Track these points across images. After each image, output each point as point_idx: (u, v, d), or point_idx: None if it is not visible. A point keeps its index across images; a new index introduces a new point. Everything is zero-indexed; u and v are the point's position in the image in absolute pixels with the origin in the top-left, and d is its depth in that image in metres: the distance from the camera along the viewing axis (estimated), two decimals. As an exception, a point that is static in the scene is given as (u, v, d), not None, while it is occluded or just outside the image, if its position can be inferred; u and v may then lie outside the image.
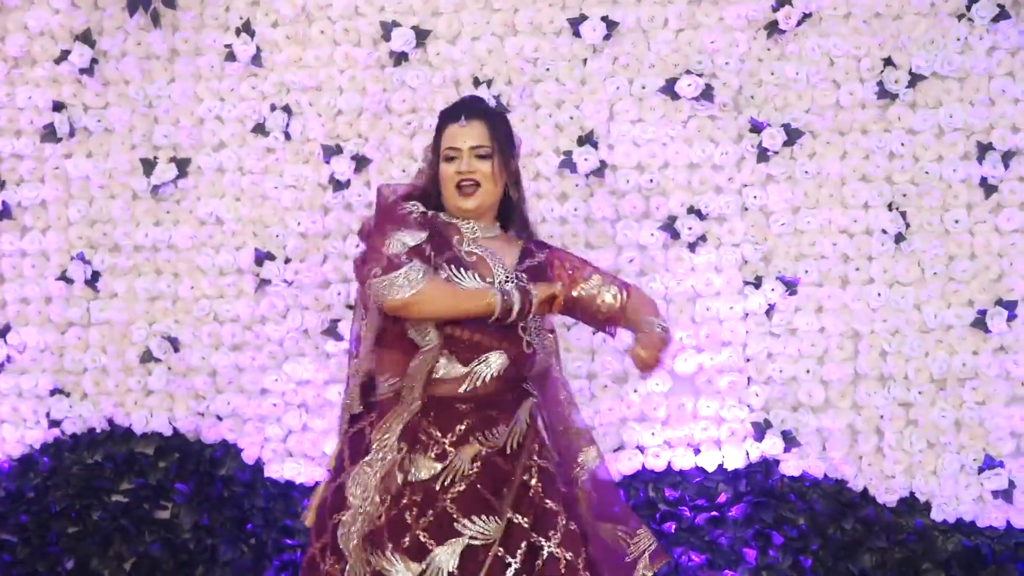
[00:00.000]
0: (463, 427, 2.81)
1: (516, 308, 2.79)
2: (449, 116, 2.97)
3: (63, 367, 4.01)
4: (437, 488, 2.76)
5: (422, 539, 2.73)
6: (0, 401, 4.06)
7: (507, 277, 2.89)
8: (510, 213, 3.02)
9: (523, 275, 2.91)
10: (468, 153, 2.91)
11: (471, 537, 2.75)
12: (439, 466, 2.78)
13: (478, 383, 2.83)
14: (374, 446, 2.77)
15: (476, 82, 4.00)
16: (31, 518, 4.01)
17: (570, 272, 2.98)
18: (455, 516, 2.77)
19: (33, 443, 4.05)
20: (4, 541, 4.01)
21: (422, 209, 2.86)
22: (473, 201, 2.91)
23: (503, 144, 2.96)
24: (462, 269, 2.83)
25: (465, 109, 2.98)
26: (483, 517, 2.76)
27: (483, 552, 2.76)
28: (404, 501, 2.77)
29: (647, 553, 2.99)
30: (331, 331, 4.05)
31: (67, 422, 4.02)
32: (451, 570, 2.73)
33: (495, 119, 3.01)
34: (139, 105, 4.07)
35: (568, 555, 2.78)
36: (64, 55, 4.11)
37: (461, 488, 2.77)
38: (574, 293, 2.95)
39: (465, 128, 2.92)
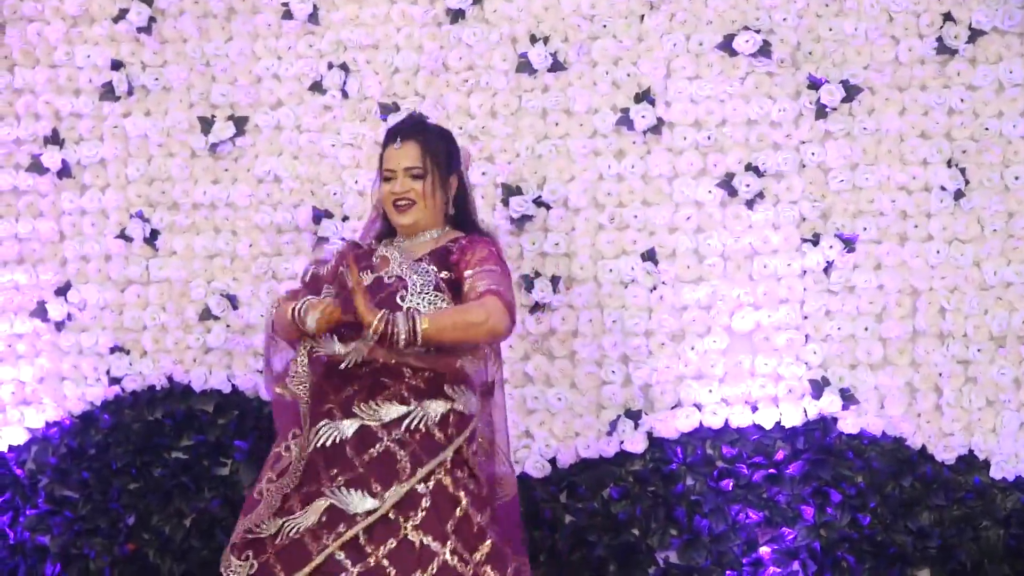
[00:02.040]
0: (348, 394, 2.94)
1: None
2: (387, 139, 3.13)
3: (123, 325, 4.03)
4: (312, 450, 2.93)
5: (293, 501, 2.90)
6: (61, 359, 4.08)
7: (401, 263, 3.03)
8: (463, 223, 3.17)
9: (427, 258, 3.03)
10: (403, 174, 3.07)
11: (336, 501, 2.86)
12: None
13: (358, 357, 2.93)
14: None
15: (532, 39, 3.97)
16: (92, 474, 4.04)
17: (464, 262, 3.04)
18: (321, 474, 2.91)
19: (94, 400, 4.08)
20: (66, 497, 4.04)
21: (354, 240, 3.19)
22: (409, 217, 3.08)
23: (440, 161, 3.10)
24: (360, 272, 2.97)
25: (400, 132, 3.12)
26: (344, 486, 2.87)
27: (348, 516, 2.84)
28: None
29: None
30: None
31: (127, 379, 4.05)
32: (309, 526, 2.85)
33: (431, 138, 3.14)
34: (197, 63, 4.06)
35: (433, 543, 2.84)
36: (122, 14, 4.13)
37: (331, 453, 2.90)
38: (464, 277, 3.02)
39: (400, 150, 3.07)
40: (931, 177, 3.94)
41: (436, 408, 3.02)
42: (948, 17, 3.87)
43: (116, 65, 4.12)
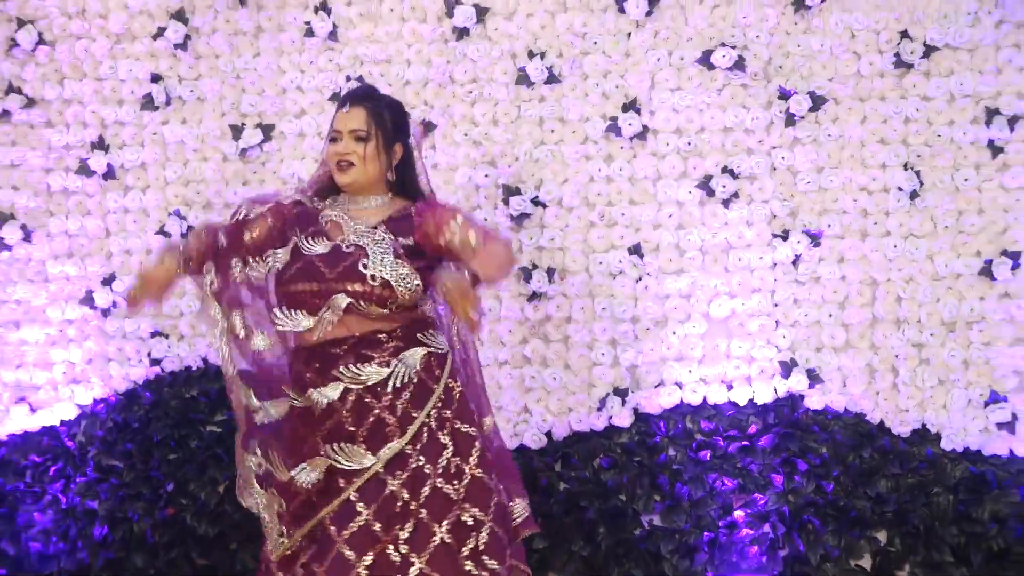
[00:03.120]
0: (328, 363, 2.93)
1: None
2: (339, 104, 3.13)
3: (162, 312, 4.21)
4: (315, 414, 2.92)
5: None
6: (107, 342, 4.28)
7: (357, 231, 3.00)
8: (406, 183, 3.15)
9: (382, 226, 3.02)
10: (347, 135, 3.06)
11: (335, 460, 2.89)
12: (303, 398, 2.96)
13: (328, 328, 2.94)
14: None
15: (530, 54, 4.17)
16: (135, 446, 4.26)
17: (434, 222, 3.01)
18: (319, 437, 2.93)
19: (136, 380, 4.28)
20: (112, 466, 4.26)
21: (294, 197, 3.09)
22: (348, 177, 3.07)
23: (384, 128, 3.08)
24: (313, 238, 2.98)
25: (351, 97, 3.13)
26: (345, 445, 2.90)
27: (351, 474, 2.89)
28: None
29: (519, 520, 3.15)
30: None
31: (166, 361, 4.26)
32: (315, 480, 2.88)
33: (379, 105, 3.13)
34: (228, 77, 4.25)
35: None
36: (160, 32, 4.30)
37: (329, 422, 2.91)
38: (441, 241, 2.98)
39: (348, 113, 3.08)
40: (889, 179, 4.12)
41: (415, 356, 3.02)
42: (905, 35, 4.06)
43: (155, 78, 4.30)
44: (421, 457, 2.92)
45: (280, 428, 3.01)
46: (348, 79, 4.24)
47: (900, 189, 4.11)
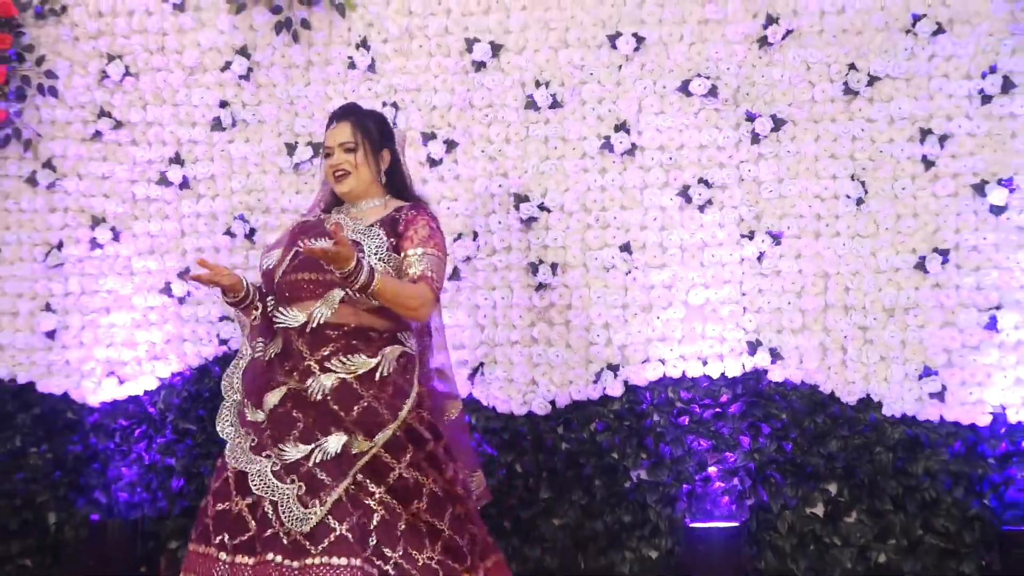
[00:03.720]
0: (326, 352, 2.97)
1: None
2: (328, 123, 3.19)
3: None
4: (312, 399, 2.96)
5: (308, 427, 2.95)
6: (182, 325, 4.65)
7: (355, 228, 3.06)
8: (398, 189, 3.22)
9: (377, 224, 3.07)
10: (338, 149, 3.12)
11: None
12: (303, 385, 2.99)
13: (321, 320, 2.97)
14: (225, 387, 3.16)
15: (537, 84, 4.49)
16: (206, 412, 4.57)
17: (407, 236, 3.06)
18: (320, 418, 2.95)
19: (207, 357, 4.62)
20: (187, 429, 4.63)
21: (300, 220, 3.20)
22: (345, 186, 3.13)
23: (370, 137, 3.14)
24: (314, 238, 2.96)
25: (336, 115, 3.18)
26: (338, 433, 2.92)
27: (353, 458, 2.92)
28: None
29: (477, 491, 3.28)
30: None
31: (232, 341, 4.60)
32: (338, 450, 2.90)
33: (362, 118, 3.17)
34: (283, 103, 4.63)
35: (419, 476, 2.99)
36: (227, 65, 4.69)
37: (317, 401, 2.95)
38: (406, 251, 3.05)
39: (335, 129, 3.14)
40: (839, 188, 4.39)
41: (393, 352, 3.05)
42: (852, 67, 4.37)
43: (223, 104, 4.70)
44: (409, 445, 3.00)
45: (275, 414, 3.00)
46: (384, 104, 4.58)
47: (848, 196, 4.37)
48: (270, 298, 3.12)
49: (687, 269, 4.53)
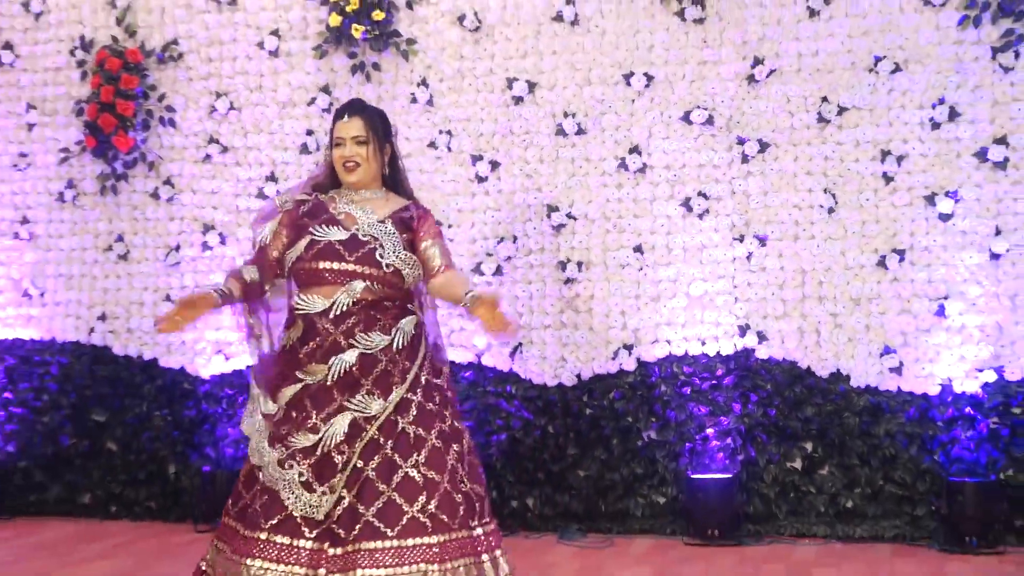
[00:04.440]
0: (350, 324, 2.99)
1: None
2: (338, 115, 3.18)
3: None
4: (328, 383, 2.98)
5: (317, 420, 2.96)
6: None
7: (370, 223, 3.09)
8: (395, 181, 3.24)
9: (389, 220, 3.10)
10: (350, 141, 3.12)
11: (354, 411, 2.95)
12: (324, 367, 3.00)
13: (342, 308, 2.99)
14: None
15: (565, 115, 4.98)
16: None
17: (421, 232, 3.13)
18: (337, 396, 2.97)
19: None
20: None
21: (296, 199, 3.15)
22: (355, 176, 3.14)
23: (378, 133, 3.14)
24: (328, 225, 3.04)
25: (348, 109, 3.18)
26: (359, 396, 2.97)
27: (364, 422, 2.97)
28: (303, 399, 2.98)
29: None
30: (477, 268, 5.15)
31: None
32: (344, 432, 2.93)
33: (371, 114, 3.18)
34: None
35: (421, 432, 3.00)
36: (312, 100, 5.28)
37: (342, 375, 2.96)
38: (421, 245, 3.11)
39: (348, 123, 3.14)
40: (814, 200, 4.81)
41: (409, 323, 3.11)
42: (824, 99, 4.78)
43: (309, 132, 5.30)
44: (420, 399, 3.05)
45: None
46: (440, 132, 5.14)
47: (821, 206, 4.79)
48: (275, 278, 3.13)
49: (688, 266, 4.96)
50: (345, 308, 2.98)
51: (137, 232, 5.69)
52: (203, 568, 3.12)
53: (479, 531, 2.98)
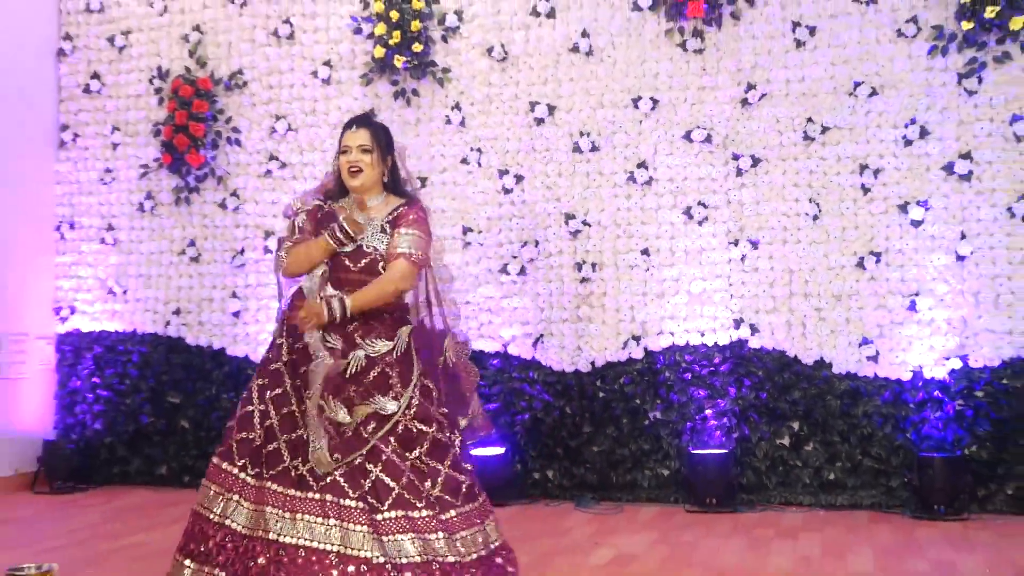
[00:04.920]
0: (349, 330, 3.15)
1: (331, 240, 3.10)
2: (347, 126, 3.33)
3: None
4: (347, 376, 3.13)
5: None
6: None
7: (372, 232, 3.22)
8: (396, 187, 3.37)
9: (387, 221, 3.24)
10: (356, 149, 3.27)
11: (374, 406, 3.08)
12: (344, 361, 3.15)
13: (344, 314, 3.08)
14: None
15: (581, 134, 5.50)
16: None
17: (400, 224, 3.22)
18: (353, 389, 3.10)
19: None
20: None
21: (310, 206, 3.29)
22: (358, 180, 3.27)
23: (381, 144, 3.30)
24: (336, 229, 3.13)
25: (356, 121, 3.34)
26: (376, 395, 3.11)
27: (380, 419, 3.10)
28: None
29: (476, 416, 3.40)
30: (503, 269, 5.68)
31: None
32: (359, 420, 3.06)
33: (376, 127, 3.35)
34: (401, 150, 5.43)
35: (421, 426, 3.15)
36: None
37: (354, 372, 3.11)
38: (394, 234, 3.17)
39: (355, 133, 3.30)
40: (800, 208, 5.30)
41: (405, 331, 3.27)
42: (809, 119, 5.29)
43: None
44: (420, 399, 3.21)
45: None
46: (471, 149, 5.67)
47: (807, 214, 5.31)
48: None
49: (689, 267, 5.49)
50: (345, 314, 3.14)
51: (207, 237, 6.26)
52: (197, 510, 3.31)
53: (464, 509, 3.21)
